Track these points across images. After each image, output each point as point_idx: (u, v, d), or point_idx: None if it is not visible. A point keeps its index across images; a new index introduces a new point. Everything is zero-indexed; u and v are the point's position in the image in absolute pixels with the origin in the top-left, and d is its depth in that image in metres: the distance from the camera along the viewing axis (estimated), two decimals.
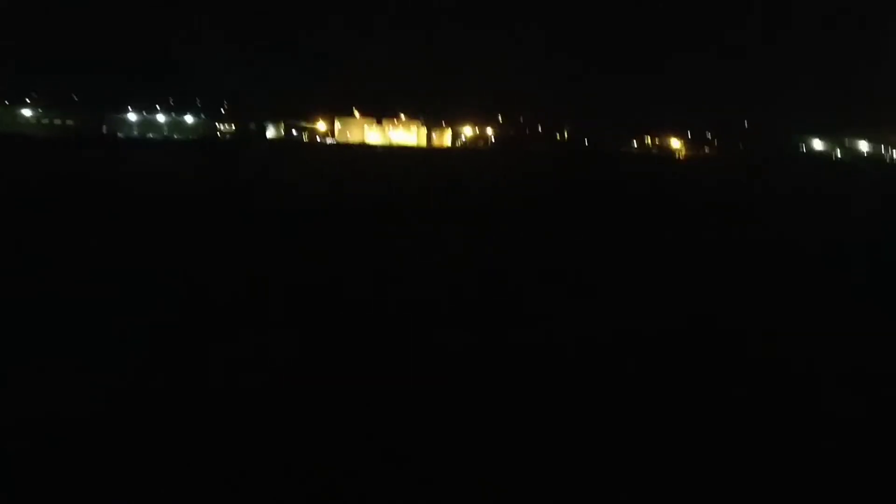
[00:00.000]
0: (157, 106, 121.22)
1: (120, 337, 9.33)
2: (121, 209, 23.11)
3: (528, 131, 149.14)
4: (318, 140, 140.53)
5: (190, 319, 10.38)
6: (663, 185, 50.73)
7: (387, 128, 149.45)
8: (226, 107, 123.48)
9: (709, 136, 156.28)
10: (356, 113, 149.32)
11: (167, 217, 21.89)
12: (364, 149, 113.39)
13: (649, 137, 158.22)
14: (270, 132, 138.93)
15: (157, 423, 6.98)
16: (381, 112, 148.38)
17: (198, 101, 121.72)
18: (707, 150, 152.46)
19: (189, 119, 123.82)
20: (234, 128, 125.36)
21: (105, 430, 6.75)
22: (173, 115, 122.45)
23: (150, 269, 13.66)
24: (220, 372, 8.39)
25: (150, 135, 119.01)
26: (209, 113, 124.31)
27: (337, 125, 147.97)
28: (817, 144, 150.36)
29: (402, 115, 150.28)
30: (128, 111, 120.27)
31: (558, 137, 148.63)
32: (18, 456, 6.16)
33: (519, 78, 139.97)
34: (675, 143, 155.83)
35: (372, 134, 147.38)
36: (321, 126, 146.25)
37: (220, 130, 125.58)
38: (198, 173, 42.48)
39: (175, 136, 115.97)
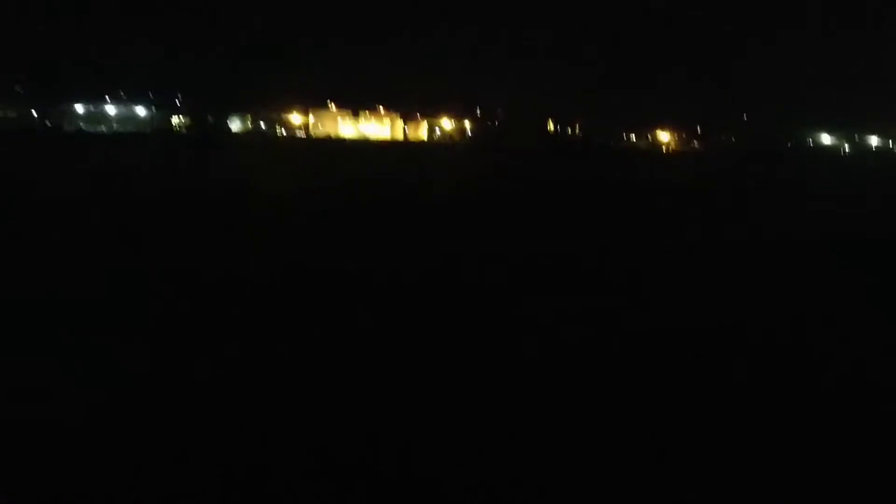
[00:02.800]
0: (107, 97, 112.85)
1: (81, 337, 8.94)
2: (57, 207, 22.18)
3: (507, 126, 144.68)
4: (286, 133, 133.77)
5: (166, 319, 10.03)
6: (642, 180, 50.78)
7: (363, 121, 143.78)
8: (181, 98, 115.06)
9: (699, 130, 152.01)
10: (331, 106, 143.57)
11: (106, 213, 21.13)
12: (335, 143, 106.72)
13: (635, 132, 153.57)
14: (236, 125, 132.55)
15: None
16: (357, 105, 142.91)
17: (150, 93, 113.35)
18: (696, 145, 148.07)
19: (141, 111, 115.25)
20: (191, 120, 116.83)
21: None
22: (124, 107, 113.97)
23: (92, 269, 12.84)
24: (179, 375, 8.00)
25: (101, 128, 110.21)
26: (165, 105, 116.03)
27: (311, 118, 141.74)
28: (825, 139, 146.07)
29: (381, 109, 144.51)
30: (75, 103, 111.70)
31: (539, 133, 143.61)
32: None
33: (498, 73, 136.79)
34: (665, 138, 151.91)
35: (347, 127, 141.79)
36: (294, 119, 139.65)
37: (176, 123, 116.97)
38: (140, 167, 41.72)
39: (125, 130, 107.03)
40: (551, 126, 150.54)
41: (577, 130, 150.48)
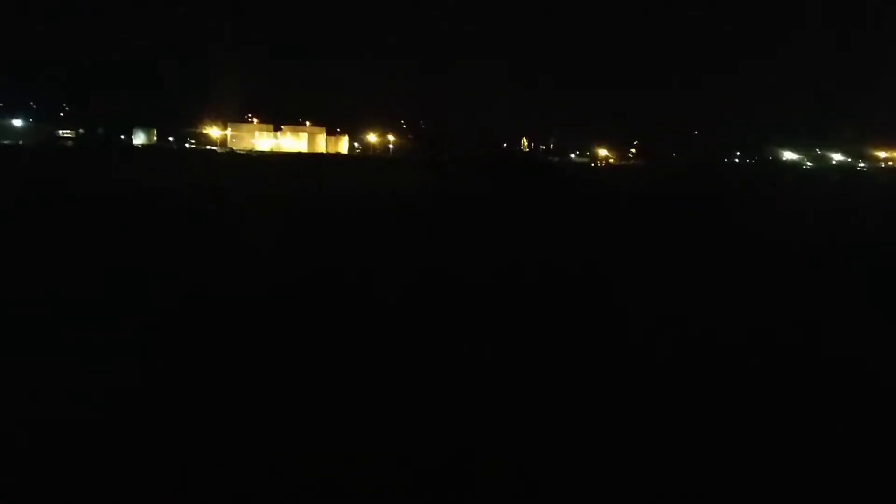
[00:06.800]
0: None
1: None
2: None
3: (429, 140, 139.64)
4: (189, 146, 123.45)
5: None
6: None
7: (281, 135, 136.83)
8: (67, 108, 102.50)
9: (636, 143, 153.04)
10: (253, 119, 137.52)
11: None
12: (244, 157, 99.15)
13: (566, 146, 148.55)
14: (140, 138, 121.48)
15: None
16: (276, 118, 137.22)
17: (32, 102, 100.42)
18: (631, 158, 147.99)
19: (17, 122, 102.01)
20: (81, 133, 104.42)
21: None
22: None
23: None
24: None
25: None
26: (47, 115, 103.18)
27: (229, 131, 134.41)
28: (788, 154, 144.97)
29: (307, 122, 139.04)
30: None
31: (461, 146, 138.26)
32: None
33: (421, 87, 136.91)
34: (602, 152, 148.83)
35: (264, 141, 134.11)
36: (213, 132, 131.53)
37: (61, 135, 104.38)
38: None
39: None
40: (478, 140, 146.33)
41: (507, 145, 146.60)
